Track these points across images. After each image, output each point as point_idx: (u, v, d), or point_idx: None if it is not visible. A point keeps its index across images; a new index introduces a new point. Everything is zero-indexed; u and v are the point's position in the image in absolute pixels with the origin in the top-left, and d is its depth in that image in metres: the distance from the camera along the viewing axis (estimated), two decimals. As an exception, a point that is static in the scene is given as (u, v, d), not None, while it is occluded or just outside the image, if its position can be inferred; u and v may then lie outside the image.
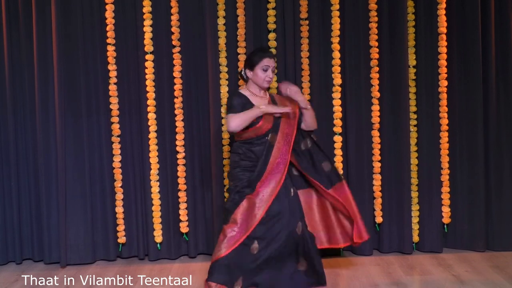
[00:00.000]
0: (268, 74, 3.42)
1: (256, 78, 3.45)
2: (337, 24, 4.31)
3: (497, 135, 4.40)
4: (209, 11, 4.23)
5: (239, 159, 3.46)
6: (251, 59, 3.46)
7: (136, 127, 4.33)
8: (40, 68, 4.26)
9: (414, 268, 4.07)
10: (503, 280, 3.74)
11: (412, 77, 4.38)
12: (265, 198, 3.38)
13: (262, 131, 3.42)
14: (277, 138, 3.44)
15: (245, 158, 3.44)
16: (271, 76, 3.44)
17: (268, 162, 3.40)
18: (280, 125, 3.45)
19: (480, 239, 4.38)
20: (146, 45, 4.22)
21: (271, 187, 3.40)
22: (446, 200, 4.40)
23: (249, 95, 3.46)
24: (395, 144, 4.38)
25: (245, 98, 3.43)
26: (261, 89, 3.50)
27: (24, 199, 4.38)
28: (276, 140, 3.44)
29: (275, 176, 3.41)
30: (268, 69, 3.42)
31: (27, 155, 4.37)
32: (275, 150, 3.42)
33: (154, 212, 4.31)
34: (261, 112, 3.33)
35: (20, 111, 4.34)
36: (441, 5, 4.29)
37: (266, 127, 3.41)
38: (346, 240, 3.66)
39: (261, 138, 3.43)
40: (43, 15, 4.23)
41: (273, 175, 3.41)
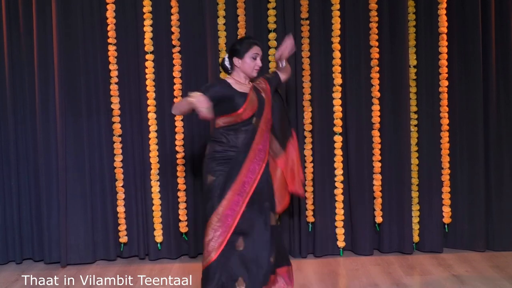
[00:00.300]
0: (257, 63, 3.31)
1: (245, 66, 3.31)
2: (338, 24, 4.32)
3: (498, 135, 4.42)
4: (209, 11, 4.24)
5: (221, 149, 3.28)
6: (240, 47, 3.33)
7: (137, 127, 4.34)
8: (40, 67, 4.28)
9: (414, 268, 4.08)
10: (503, 280, 3.75)
11: (412, 77, 4.40)
12: (246, 190, 3.25)
13: (245, 116, 3.26)
14: (261, 123, 3.31)
15: (229, 148, 3.28)
16: (260, 64, 3.33)
17: (250, 149, 3.26)
18: (264, 108, 3.32)
19: (481, 239, 4.40)
20: (146, 45, 4.24)
21: (252, 179, 3.26)
22: (446, 200, 4.42)
23: (232, 82, 3.32)
24: (395, 144, 4.40)
25: (228, 85, 3.29)
26: (247, 78, 3.36)
27: (25, 198, 4.40)
28: (259, 125, 3.31)
29: (256, 165, 3.28)
30: (257, 57, 3.31)
31: (27, 155, 4.39)
32: (257, 136, 3.29)
33: (154, 212, 4.33)
34: (190, 103, 3.05)
35: (20, 110, 4.36)
36: (442, 5, 4.31)
37: (247, 114, 3.26)
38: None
39: (247, 123, 3.27)
40: (43, 14, 4.25)
41: (254, 164, 3.28)
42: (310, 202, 4.41)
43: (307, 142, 4.38)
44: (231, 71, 3.36)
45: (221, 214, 3.22)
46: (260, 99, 3.31)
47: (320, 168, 4.40)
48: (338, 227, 4.42)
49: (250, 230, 3.26)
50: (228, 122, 3.28)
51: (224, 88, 3.27)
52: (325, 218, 4.43)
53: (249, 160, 3.26)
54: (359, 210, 4.44)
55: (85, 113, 4.30)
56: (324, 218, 4.42)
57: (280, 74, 3.52)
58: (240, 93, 3.26)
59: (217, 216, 3.22)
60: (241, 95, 3.26)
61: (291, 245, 4.43)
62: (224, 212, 3.22)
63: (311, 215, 4.42)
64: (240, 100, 3.24)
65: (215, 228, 3.21)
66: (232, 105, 3.24)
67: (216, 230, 3.22)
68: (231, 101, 3.25)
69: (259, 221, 3.27)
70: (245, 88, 3.31)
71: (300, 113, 4.36)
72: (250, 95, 3.28)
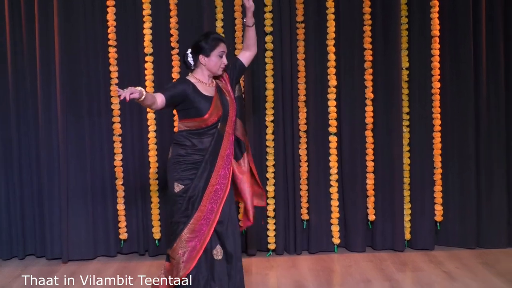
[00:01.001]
0: (223, 61, 3.15)
1: (211, 64, 3.13)
2: (332, 27, 4.32)
3: (488, 136, 4.42)
4: (208, 14, 4.24)
5: (185, 152, 3.10)
6: (206, 44, 3.14)
7: (137, 127, 4.35)
8: (42, 68, 4.29)
9: (406, 265, 4.09)
10: (492, 276, 3.77)
11: (405, 79, 4.40)
12: (220, 196, 3.11)
13: (210, 122, 3.10)
14: (226, 127, 3.15)
15: (193, 152, 3.10)
16: (226, 63, 3.17)
17: (218, 155, 3.11)
18: (229, 112, 3.16)
19: (471, 237, 4.40)
20: (146, 47, 4.25)
21: (224, 184, 3.13)
22: (438, 199, 4.42)
23: (195, 82, 3.13)
24: (388, 144, 4.40)
25: (192, 85, 3.10)
26: (210, 76, 3.18)
27: (27, 196, 4.41)
28: (225, 130, 3.14)
29: (226, 170, 3.15)
30: (223, 55, 3.15)
31: (29, 154, 4.39)
32: (224, 141, 3.14)
33: (153, 210, 4.33)
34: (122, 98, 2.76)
35: (22, 111, 4.36)
36: (434, 8, 4.30)
37: (213, 120, 3.10)
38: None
39: (212, 128, 3.11)
40: (46, 17, 4.26)
41: (224, 169, 3.14)
42: (305, 200, 4.41)
43: (302, 142, 4.38)
44: (193, 68, 3.18)
45: (195, 226, 3.07)
46: (224, 103, 3.16)
47: (315, 167, 4.39)
48: (333, 225, 4.42)
49: (226, 236, 3.13)
50: (192, 127, 3.12)
51: (188, 88, 3.08)
52: (320, 215, 4.43)
53: (218, 167, 3.12)
54: (352, 208, 4.45)
55: (86, 113, 4.32)
56: (318, 216, 4.42)
57: (242, 55, 3.31)
58: (205, 97, 3.10)
59: (189, 229, 3.06)
60: (206, 100, 3.09)
61: (287, 242, 4.44)
62: (198, 223, 3.08)
63: (306, 212, 4.42)
64: (205, 106, 3.08)
65: (188, 239, 3.06)
66: (197, 110, 3.08)
67: (189, 241, 3.07)
68: (194, 105, 3.08)
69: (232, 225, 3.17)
70: (210, 91, 3.14)
71: (295, 114, 4.37)
72: (215, 100, 3.11)
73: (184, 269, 3.04)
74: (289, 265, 4.18)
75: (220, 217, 3.11)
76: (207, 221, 3.08)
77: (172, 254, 3.08)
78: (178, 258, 3.04)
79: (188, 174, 3.08)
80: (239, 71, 3.28)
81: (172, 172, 3.11)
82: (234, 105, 3.19)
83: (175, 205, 3.10)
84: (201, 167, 3.07)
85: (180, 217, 3.08)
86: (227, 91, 3.20)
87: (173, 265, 3.10)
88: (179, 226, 3.07)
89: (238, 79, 3.31)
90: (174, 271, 3.08)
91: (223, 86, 3.21)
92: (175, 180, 3.08)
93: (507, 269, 3.90)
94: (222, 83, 3.23)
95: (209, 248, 3.12)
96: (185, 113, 3.10)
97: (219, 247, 3.14)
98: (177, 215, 3.09)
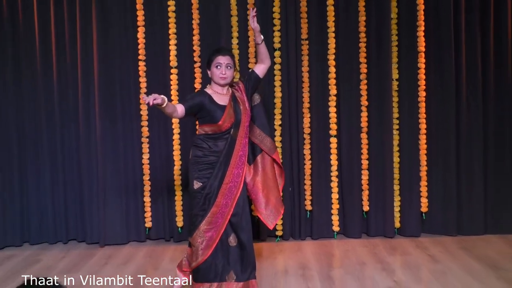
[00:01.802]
0: (222, 71, 3.12)
1: (213, 75, 3.17)
2: (333, 43, 4.42)
3: (467, 137, 4.48)
4: (225, 33, 4.35)
5: (202, 154, 3.14)
6: (209, 59, 3.20)
7: (162, 130, 4.44)
8: (83, 81, 4.41)
9: (396, 249, 4.18)
10: (470, 259, 3.88)
11: (395, 89, 4.48)
12: (234, 193, 3.15)
13: (224, 128, 3.13)
14: (239, 132, 3.15)
15: (209, 154, 3.14)
16: (224, 72, 3.12)
17: (231, 156, 3.13)
18: (241, 119, 3.16)
19: (452, 225, 4.47)
20: (171, 61, 4.36)
21: (237, 182, 3.16)
22: (424, 192, 4.48)
23: (211, 93, 3.16)
24: (380, 144, 4.46)
25: (208, 96, 3.14)
26: (222, 87, 3.18)
27: (70, 190, 4.52)
28: (237, 134, 3.15)
29: (239, 170, 3.17)
30: (221, 66, 3.13)
31: (71, 154, 4.50)
32: (237, 145, 3.15)
33: (176, 202, 4.43)
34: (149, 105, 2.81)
35: (66, 117, 4.48)
36: (420, 27, 4.38)
37: (226, 126, 3.13)
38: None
39: (225, 134, 3.14)
40: (86, 36, 4.40)
41: (237, 169, 3.16)
42: (308, 194, 4.49)
43: (306, 143, 4.46)
44: (211, 81, 3.22)
45: (211, 218, 3.11)
46: (237, 111, 3.15)
47: (317, 165, 4.47)
48: (333, 215, 4.49)
49: (239, 227, 3.17)
50: (209, 131, 3.14)
51: (205, 99, 3.11)
52: (321, 207, 4.49)
53: (231, 167, 3.13)
54: (349, 200, 4.51)
55: (119, 119, 4.43)
56: (320, 207, 4.49)
57: (257, 67, 3.26)
58: (219, 105, 3.12)
59: (207, 221, 3.11)
60: (220, 108, 3.11)
61: (293, 230, 4.52)
62: (214, 216, 3.11)
63: (309, 204, 4.50)
64: (219, 113, 3.10)
65: (206, 230, 3.11)
66: (212, 118, 3.11)
67: (207, 231, 3.11)
68: (210, 114, 3.11)
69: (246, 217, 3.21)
70: (225, 99, 3.15)
71: (300, 119, 4.45)
72: (228, 108, 3.12)
73: (202, 255, 3.12)
74: (295, 249, 4.26)
75: (234, 210, 3.14)
76: (222, 215, 3.13)
77: (192, 242, 3.16)
78: (197, 246, 3.11)
79: (205, 173, 3.12)
80: (255, 82, 3.26)
81: (192, 171, 3.16)
82: (247, 113, 3.19)
83: (194, 200, 3.15)
84: (216, 167, 3.11)
85: (198, 211, 3.13)
86: (241, 100, 3.20)
87: (193, 251, 3.17)
88: (198, 219, 3.12)
89: (254, 89, 3.29)
90: (194, 256, 3.15)
91: (238, 96, 3.21)
92: (194, 178, 3.14)
93: (483, 254, 3.98)
94: (238, 93, 3.22)
95: (224, 237, 3.16)
96: (202, 120, 3.15)
97: (234, 235, 3.19)
98: (196, 209, 3.15)
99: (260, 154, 3.34)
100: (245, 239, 3.19)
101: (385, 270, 3.75)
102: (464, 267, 3.75)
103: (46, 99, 4.49)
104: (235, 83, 3.27)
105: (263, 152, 3.35)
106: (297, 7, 4.42)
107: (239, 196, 3.17)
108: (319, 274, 3.71)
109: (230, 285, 3.17)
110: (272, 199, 3.32)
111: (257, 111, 3.33)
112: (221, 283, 3.17)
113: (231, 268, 3.17)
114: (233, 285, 3.17)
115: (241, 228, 3.19)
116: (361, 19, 4.46)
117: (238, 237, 3.19)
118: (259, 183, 3.31)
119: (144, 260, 4.06)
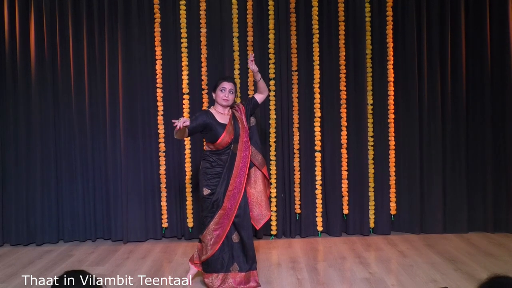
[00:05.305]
0: (225, 94, 3.17)
1: (217, 97, 3.21)
2: (318, 74, 4.49)
3: (428, 153, 4.54)
4: (228, 64, 4.43)
5: (210, 165, 3.17)
6: (215, 84, 3.27)
7: (177, 146, 4.47)
8: (110, 105, 4.47)
9: (370, 246, 4.20)
10: (433, 254, 3.91)
11: (369, 112, 4.55)
12: (236, 198, 3.16)
13: (224, 144, 3.16)
14: (238, 146, 3.17)
15: (215, 165, 3.16)
16: (227, 96, 3.17)
17: (233, 168, 3.14)
18: (239, 135, 3.19)
19: (417, 225, 4.53)
20: (183, 88, 4.42)
21: (239, 189, 3.16)
22: (393, 198, 4.56)
23: (214, 112, 3.20)
24: (357, 158, 4.52)
25: (210, 114, 3.18)
26: (224, 108, 3.22)
27: (98, 195, 4.54)
28: (237, 148, 3.17)
29: (241, 178, 3.17)
30: (225, 90, 3.17)
31: (100, 165, 4.53)
32: (237, 157, 3.16)
33: (187, 206, 4.46)
34: (177, 127, 2.91)
35: (96, 134, 4.53)
36: (390, 61, 4.50)
37: (226, 142, 3.15)
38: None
39: (227, 149, 3.17)
40: (113, 69, 4.47)
41: (239, 177, 3.16)
42: (297, 199, 4.51)
43: (296, 157, 4.48)
44: (215, 102, 3.28)
45: (219, 219, 3.13)
46: (236, 128, 3.18)
47: (304, 175, 4.51)
48: (317, 217, 4.52)
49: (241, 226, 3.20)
50: (213, 148, 3.19)
51: (208, 118, 3.15)
52: (308, 210, 4.51)
53: (234, 176, 3.15)
54: (332, 205, 4.53)
55: (140, 136, 4.48)
56: (307, 210, 4.51)
57: (257, 95, 3.32)
58: (220, 124, 3.16)
59: (215, 222, 3.13)
60: (221, 126, 3.15)
61: (284, 229, 4.52)
62: (221, 217, 3.13)
63: (298, 208, 4.51)
64: (220, 131, 3.13)
65: (214, 229, 3.14)
66: (214, 135, 3.14)
67: (215, 230, 3.14)
68: (212, 132, 3.14)
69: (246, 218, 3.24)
70: (225, 118, 3.18)
71: (291, 137, 4.49)
72: (228, 126, 3.15)
73: (211, 250, 3.16)
74: (286, 245, 4.28)
75: (237, 212, 3.19)
76: (227, 216, 3.16)
77: (202, 239, 3.21)
78: (207, 242, 3.17)
79: (213, 181, 3.17)
80: (253, 106, 3.34)
81: (202, 180, 3.21)
82: (245, 130, 3.22)
83: (204, 204, 3.20)
84: (221, 177, 3.15)
85: (207, 213, 3.18)
86: (240, 119, 3.24)
87: (203, 246, 3.23)
88: (207, 219, 3.17)
89: (252, 111, 3.35)
90: (204, 250, 3.21)
91: (238, 116, 3.24)
92: (204, 186, 3.19)
93: (443, 249, 4.03)
94: (237, 113, 3.26)
95: (229, 235, 3.21)
96: (206, 137, 3.21)
97: (236, 233, 3.23)
98: (205, 211, 3.19)
99: (253, 168, 3.35)
100: (246, 236, 3.23)
101: (361, 263, 3.76)
102: (427, 260, 3.75)
103: (78, 121, 4.52)
104: (236, 105, 3.32)
105: (255, 167, 3.35)
106: (288, 44, 4.49)
107: (241, 200, 3.20)
108: (306, 266, 3.72)
109: (234, 275, 3.21)
110: (261, 205, 3.33)
111: (252, 131, 3.36)
112: (227, 274, 3.21)
113: (235, 261, 3.20)
114: (237, 275, 3.21)
115: (243, 227, 3.22)
116: (341, 54, 4.52)
117: (240, 234, 3.22)
118: (251, 195, 3.33)
119: (160, 255, 4.08)
